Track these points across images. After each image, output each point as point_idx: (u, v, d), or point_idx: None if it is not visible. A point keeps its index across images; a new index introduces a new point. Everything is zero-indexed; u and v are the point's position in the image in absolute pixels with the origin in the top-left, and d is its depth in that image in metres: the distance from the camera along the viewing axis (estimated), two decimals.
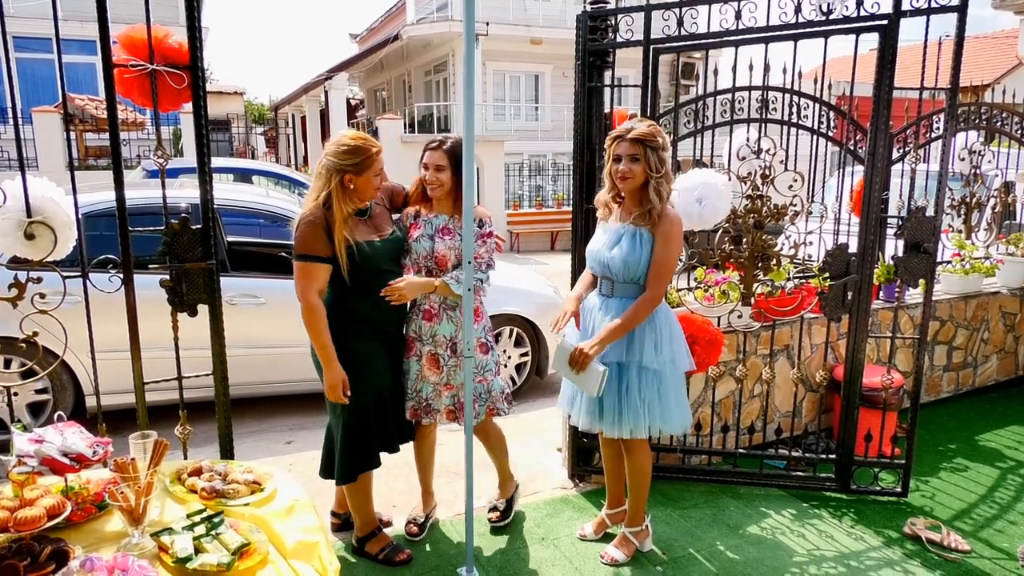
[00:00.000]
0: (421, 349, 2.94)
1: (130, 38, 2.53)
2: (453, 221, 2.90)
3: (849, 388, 3.53)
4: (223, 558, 1.61)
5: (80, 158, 12.79)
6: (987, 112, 4.84)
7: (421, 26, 18.25)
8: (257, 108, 35.58)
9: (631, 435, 2.80)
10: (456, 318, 2.89)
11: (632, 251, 2.71)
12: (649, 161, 2.67)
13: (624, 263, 2.71)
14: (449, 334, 2.91)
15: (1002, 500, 3.56)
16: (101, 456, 1.95)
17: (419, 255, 2.90)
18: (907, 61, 3.71)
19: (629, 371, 2.77)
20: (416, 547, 3.09)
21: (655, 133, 2.70)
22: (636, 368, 2.75)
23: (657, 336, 2.76)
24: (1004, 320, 5.16)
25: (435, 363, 2.92)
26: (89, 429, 2.12)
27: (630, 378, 2.77)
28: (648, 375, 2.76)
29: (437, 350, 2.92)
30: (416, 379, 2.97)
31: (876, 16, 3.16)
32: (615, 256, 2.74)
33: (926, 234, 3.33)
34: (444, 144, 2.87)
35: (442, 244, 2.87)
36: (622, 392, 2.77)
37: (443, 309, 2.91)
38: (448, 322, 2.91)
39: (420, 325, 2.93)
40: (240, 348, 4.43)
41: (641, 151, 2.67)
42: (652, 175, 2.68)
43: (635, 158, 2.68)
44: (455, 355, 2.91)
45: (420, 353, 2.94)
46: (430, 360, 2.93)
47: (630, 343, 2.75)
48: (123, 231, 2.53)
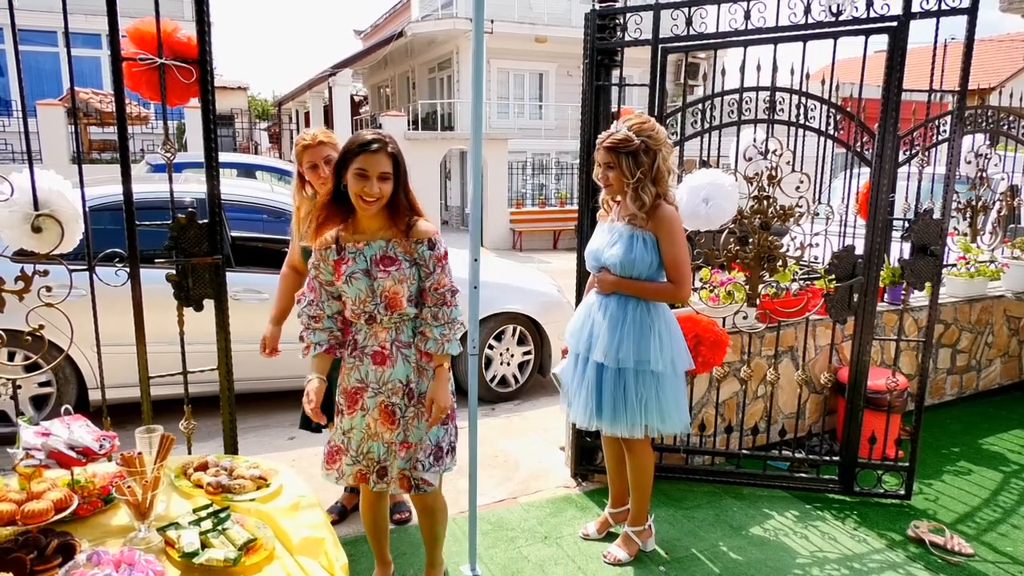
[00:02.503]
0: (369, 401, 2.33)
1: (139, 31, 2.53)
2: (393, 246, 2.25)
3: (853, 390, 3.52)
4: (229, 553, 1.61)
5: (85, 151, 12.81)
6: (993, 115, 4.83)
7: (426, 23, 18.25)
8: (261, 104, 35.56)
9: (629, 434, 2.80)
10: (413, 357, 2.32)
11: (629, 251, 2.72)
12: (623, 167, 2.67)
13: (621, 263, 2.72)
14: (405, 377, 2.31)
15: (1006, 504, 3.56)
16: (107, 450, 1.95)
17: (357, 299, 2.25)
18: (912, 64, 3.70)
19: (627, 371, 2.77)
20: (419, 543, 3.09)
21: (633, 136, 2.64)
22: (634, 368, 2.75)
23: (657, 338, 2.76)
24: (1008, 324, 5.15)
25: (389, 416, 2.32)
26: (93, 422, 2.12)
27: (627, 378, 2.77)
28: (646, 376, 2.76)
29: (391, 399, 2.31)
30: (363, 438, 2.37)
31: (886, 18, 3.15)
32: (612, 255, 2.75)
33: (933, 237, 3.32)
34: (387, 144, 2.21)
35: (388, 278, 2.22)
36: (619, 391, 2.77)
37: (396, 347, 2.31)
38: (403, 363, 2.31)
39: (367, 371, 2.32)
40: (243, 343, 4.46)
41: (614, 159, 2.68)
42: (628, 180, 2.68)
43: (610, 165, 2.71)
44: (412, 403, 2.34)
45: (367, 406, 2.33)
46: (383, 413, 2.32)
47: (630, 344, 2.74)
48: (130, 225, 2.53)
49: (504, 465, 3.95)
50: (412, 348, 2.33)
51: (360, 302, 2.26)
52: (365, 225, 2.28)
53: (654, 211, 2.70)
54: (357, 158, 2.16)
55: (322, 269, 2.32)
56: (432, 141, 15.01)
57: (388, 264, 2.24)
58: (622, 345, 2.73)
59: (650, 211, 2.70)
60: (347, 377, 2.39)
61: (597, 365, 2.80)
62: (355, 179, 2.17)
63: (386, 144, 2.20)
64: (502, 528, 3.25)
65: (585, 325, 2.88)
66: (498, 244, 14.76)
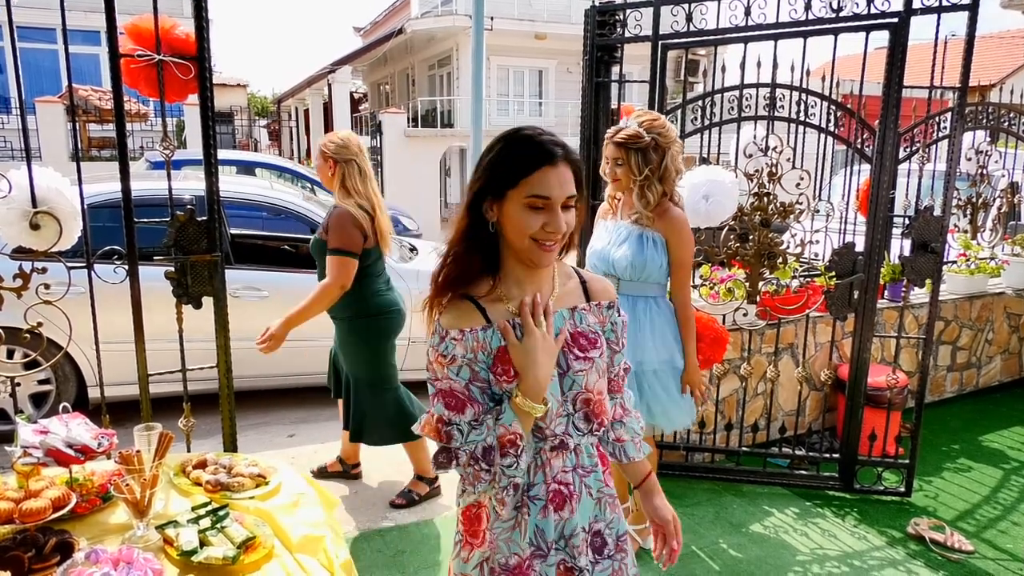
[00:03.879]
0: (545, 570, 1.44)
1: (137, 28, 2.52)
2: (582, 316, 1.49)
3: (853, 387, 3.52)
4: (228, 552, 1.60)
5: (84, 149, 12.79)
6: (994, 112, 4.82)
7: (425, 20, 18.21)
8: (260, 101, 35.52)
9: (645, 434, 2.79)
10: (596, 486, 1.52)
11: (640, 252, 2.69)
12: (632, 164, 2.64)
13: (631, 264, 2.69)
14: (588, 522, 1.50)
15: (1005, 501, 3.56)
16: (106, 448, 1.94)
17: None
18: (913, 60, 3.69)
19: (644, 373, 2.75)
20: (418, 541, 3.09)
21: (643, 133, 2.61)
22: (636, 368, 2.74)
23: (660, 336, 2.75)
24: (1008, 321, 5.14)
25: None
26: (92, 420, 2.12)
27: (644, 379, 2.76)
28: (649, 375, 2.75)
29: (578, 561, 1.46)
30: None
31: (886, 14, 3.15)
32: (623, 256, 2.71)
33: (933, 234, 3.31)
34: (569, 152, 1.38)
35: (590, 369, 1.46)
36: (638, 393, 2.76)
37: (580, 477, 1.48)
38: (588, 498, 1.50)
39: (543, 525, 1.43)
40: (243, 341, 4.45)
41: (624, 155, 2.65)
42: (636, 178, 2.65)
43: (619, 161, 2.67)
44: (603, 559, 1.52)
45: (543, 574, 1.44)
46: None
47: (632, 344, 2.73)
48: (128, 222, 2.51)
49: None
50: (597, 472, 1.51)
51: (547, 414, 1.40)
52: (530, 283, 1.43)
53: (664, 212, 2.67)
54: (532, 176, 1.33)
55: (478, 362, 1.38)
56: (432, 138, 14.98)
57: (586, 346, 1.45)
58: (632, 346, 2.72)
59: (659, 211, 2.67)
60: (504, 548, 1.44)
61: None
62: (525, 211, 1.34)
63: (568, 152, 1.37)
64: None
65: None
66: None
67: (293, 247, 5.90)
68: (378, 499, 3.47)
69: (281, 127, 24.77)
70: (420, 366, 4.92)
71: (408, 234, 9.81)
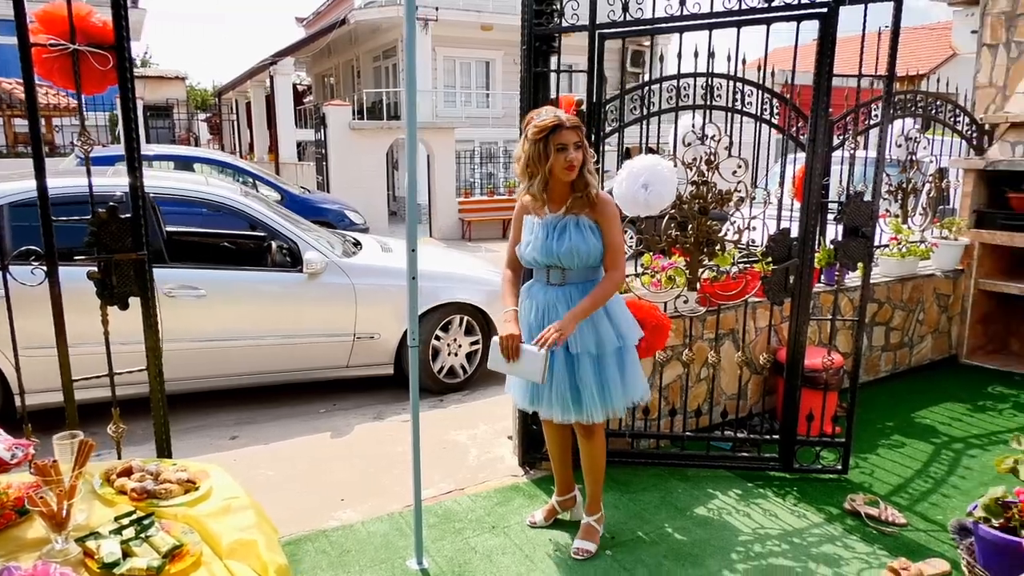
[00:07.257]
0: None
1: (49, 15, 2.39)
2: None
3: (791, 370, 3.61)
4: (153, 561, 1.54)
5: (9, 145, 12.21)
6: (923, 100, 4.98)
7: (369, 10, 17.90)
8: (200, 94, 34.50)
9: (601, 418, 2.79)
10: None
11: (584, 240, 2.70)
12: (585, 147, 2.70)
13: (577, 251, 2.70)
14: None
15: (936, 475, 3.70)
16: (20, 459, 1.85)
17: None
18: (847, 52, 3.78)
19: (582, 358, 2.75)
20: (364, 540, 3.05)
21: None
22: (599, 351, 2.75)
23: (607, 316, 2.76)
24: (938, 301, 5.35)
25: None
26: (17, 431, 2.01)
27: (583, 365, 2.75)
28: (604, 357, 2.76)
29: None
30: None
31: (816, 4, 3.21)
32: (571, 248, 2.69)
33: (864, 219, 3.40)
34: None
35: None
36: (592, 377, 2.75)
37: None
38: None
39: None
40: (181, 342, 4.32)
41: (580, 137, 2.67)
42: (589, 158, 2.72)
43: (578, 145, 2.66)
44: None
45: None
46: None
47: (591, 329, 2.74)
48: (46, 221, 2.40)
49: (451, 456, 3.93)
50: None
51: None
52: None
53: (597, 197, 2.71)
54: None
55: None
56: (378, 131, 14.76)
57: None
58: (588, 331, 2.73)
59: (593, 198, 2.70)
60: None
61: (567, 357, 2.76)
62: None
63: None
64: (449, 520, 3.23)
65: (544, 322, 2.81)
66: (447, 234, 14.65)
67: (232, 244, 5.74)
68: (324, 499, 3.41)
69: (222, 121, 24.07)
70: (366, 362, 4.88)
71: (355, 228, 9.66)
